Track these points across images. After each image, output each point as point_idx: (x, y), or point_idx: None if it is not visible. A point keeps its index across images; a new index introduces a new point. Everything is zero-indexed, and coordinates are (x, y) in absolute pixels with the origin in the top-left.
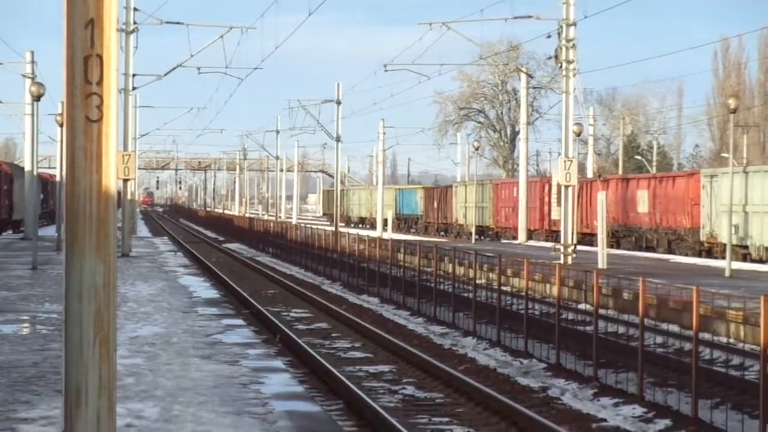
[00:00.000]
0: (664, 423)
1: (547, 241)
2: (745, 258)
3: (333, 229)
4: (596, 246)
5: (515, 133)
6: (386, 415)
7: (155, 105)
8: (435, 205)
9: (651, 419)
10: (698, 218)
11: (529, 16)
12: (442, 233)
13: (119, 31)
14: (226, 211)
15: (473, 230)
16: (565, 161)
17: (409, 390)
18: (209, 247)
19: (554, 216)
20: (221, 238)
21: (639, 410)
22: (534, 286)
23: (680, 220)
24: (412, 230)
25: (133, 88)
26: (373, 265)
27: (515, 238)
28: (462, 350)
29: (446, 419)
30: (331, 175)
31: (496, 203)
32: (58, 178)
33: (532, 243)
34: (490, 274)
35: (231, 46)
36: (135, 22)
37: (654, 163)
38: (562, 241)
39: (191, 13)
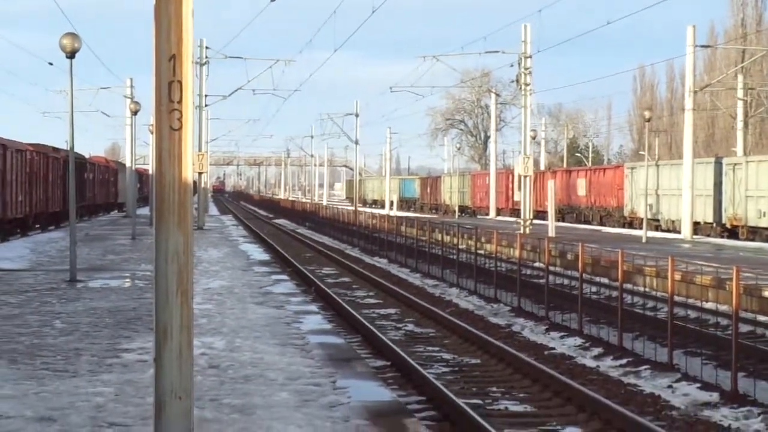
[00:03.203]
0: (597, 350)
1: (511, 216)
2: (657, 228)
3: (353, 208)
4: (547, 220)
5: (487, 137)
6: (393, 345)
7: (222, 118)
8: (428, 190)
9: (588, 348)
10: (622, 199)
11: (497, 51)
12: (433, 211)
13: (195, 63)
14: (274, 196)
15: (457, 209)
16: (524, 158)
17: (410, 327)
18: (262, 222)
19: (516, 198)
20: (270, 216)
21: (579, 341)
22: (501, 249)
23: (609, 201)
24: (412, 209)
25: (206, 105)
26: (382, 234)
27: (488, 214)
28: (448, 297)
29: (437, 348)
30: (351, 169)
31: (474, 189)
32: (150, 172)
33: (500, 218)
34: (469, 241)
35: (277, 73)
36: (206, 57)
37: (590, 159)
38: (522, 217)
39: (248, 49)
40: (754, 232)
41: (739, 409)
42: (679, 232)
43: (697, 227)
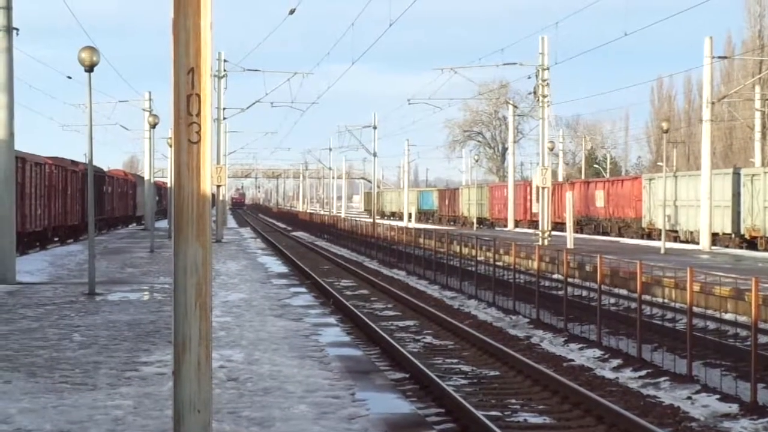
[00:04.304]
0: (616, 362)
1: (529, 228)
2: (675, 239)
3: (371, 220)
4: (566, 231)
5: (505, 149)
6: (412, 357)
7: (240, 130)
8: (446, 202)
9: (607, 359)
10: (641, 210)
11: (515, 63)
12: (451, 223)
13: (213, 76)
14: (292, 208)
15: (475, 220)
16: (542, 169)
17: (429, 339)
18: (280, 234)
19: (534, 209)
20: (289, 228)
21: (598, 353)
22: (520, 261)
23: (627, 212)
24: (430, 221)
25: (224, 118)
26: (401, 246)
27: (506, 226)
28: (467, 309)
29: (455, 360)
30: (369, 181)
31: (492, 201)
32: (168, 185)
33: (518, 230)
34: (488, 253)
35: (295, 86)
36: (225, 70)
37: (608, 170)
38: (540, 228)
39: (266, 62)
40: None
41: (758, 421)
42: (697, 243)
43: (715, 238)
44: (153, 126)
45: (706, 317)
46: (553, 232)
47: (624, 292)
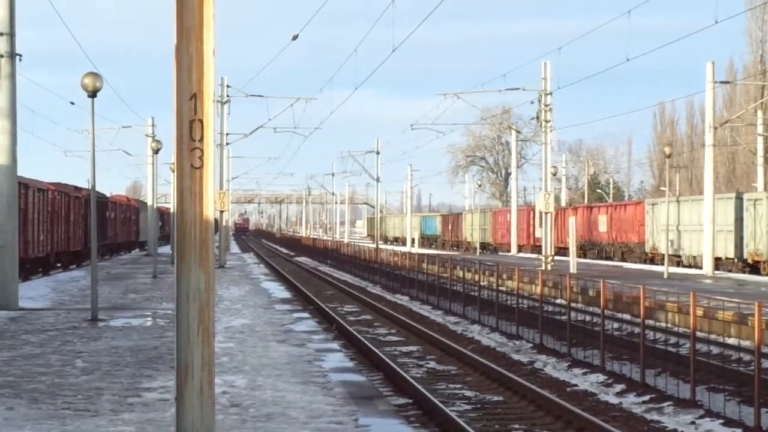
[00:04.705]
0: (620, 387)
1: (532, 253)
2: (678, 264)
3: (374, 245)
4: (569, 256)
5: (508, 174)
6: (415, 383)
7: (243, 156)
8: (449, 227)
9: (610, 384)
10: (644, 235)
11: (517, 88)
12: (454, 248)
13: (216, 101)
14: (295, 233)
15: (478, 245)
16: (545, 194)
17: (432, 364)
18: (283, 260)
19: (538, 234)
20: (292, 253)
21: (601, 377)
22: (523, 286)
23: (630, 237)
24: (433, 246)
25: (227, 144)
26: (404, 272)
27: (509, 251)
28: (470, 334)
29: (459, 385)
30: (372, 206)
31: (495, 225)
32: (171, 210)
33: (521, 255)
34: (491, 278)
35: (298, 111)
36: (228, 95)
37: (611, 195)
38: (543, 253)
39: (269, 88)
40: None
41: None
42: (700, 268)
43: (718, 263)
44: (156, 152)
45: (710, 342)
46: (557, 257)
47: (627, 316)
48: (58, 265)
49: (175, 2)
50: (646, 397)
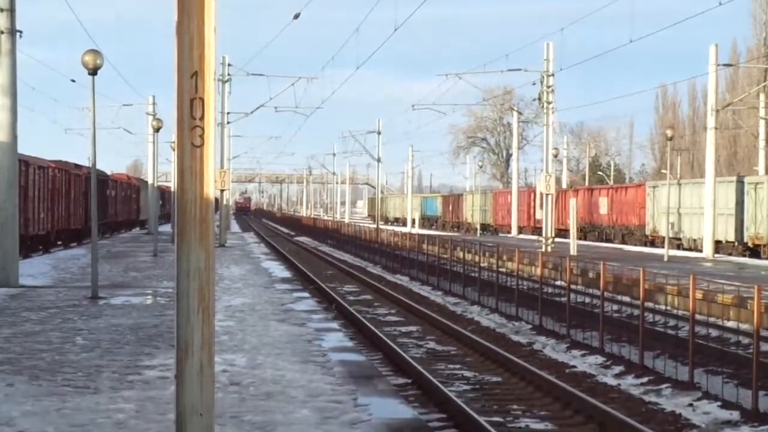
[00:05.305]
0: (618, 368)
1: (532, 234)
2: (679, 247)
3: (375, 226)
4: (569, 238)
5: (509, 155)
6: (414, 363)
7: (244, 135)
8: (450, 208)
9: (609, 366)
10: (644, 218)
11: (519, 69)
12: (455, 229)
13: (217, 80)
14: (296, 213)
15: (478, 227)
16: (546, 176)
17: (431, 344)
18: (283, 239)
19: (538, 216)
20: (292, 233)
21: (600, 359)
22: (523, 267)
23: (631, 219)
24: (433, 227)
25: (228, 122)
26: (404, 252)
27: (509, 232)
28: (470, 315)
29: (458, 366)
30: (373, 187)
31: (495, 207)
32: (172, 189)
33: (521, 236)
34: (491, 259)
35: (299, 91)
36: (229, 74)
37: (611, 177)
38: (544, 235)
39: (270, 66)
40: None
41: (760, 428)
42: (700, 251)
43: (718, 246)
44: (157, 130)
45: (709, 325)
46: (557, 239)
47: (627, 299)
48: (59, 242)
49: None
50: (645, 379)
